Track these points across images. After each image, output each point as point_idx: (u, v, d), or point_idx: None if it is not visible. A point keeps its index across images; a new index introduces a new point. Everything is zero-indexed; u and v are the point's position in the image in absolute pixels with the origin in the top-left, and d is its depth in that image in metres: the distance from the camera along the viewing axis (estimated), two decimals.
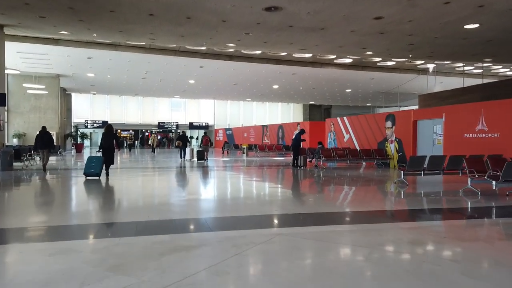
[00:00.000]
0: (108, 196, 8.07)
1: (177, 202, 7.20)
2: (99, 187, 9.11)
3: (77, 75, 23.98)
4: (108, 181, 10.04)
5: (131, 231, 4.74)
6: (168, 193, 8.49)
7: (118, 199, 7.63)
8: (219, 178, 11.92)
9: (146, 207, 6.63)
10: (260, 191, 8.79)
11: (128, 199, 7.69)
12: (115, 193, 8.68)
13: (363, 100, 36.78)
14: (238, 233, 4.60)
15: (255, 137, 31.85)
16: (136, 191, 8.95)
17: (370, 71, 24.64)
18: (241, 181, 11.14)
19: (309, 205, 6.80)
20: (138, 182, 10.75)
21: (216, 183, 10.62)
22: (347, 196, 8.06)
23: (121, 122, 39.29)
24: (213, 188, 9.37)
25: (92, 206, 6.95)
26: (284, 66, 22.64)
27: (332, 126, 19.63)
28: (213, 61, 21.10)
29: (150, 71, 23.10)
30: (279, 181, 11.52)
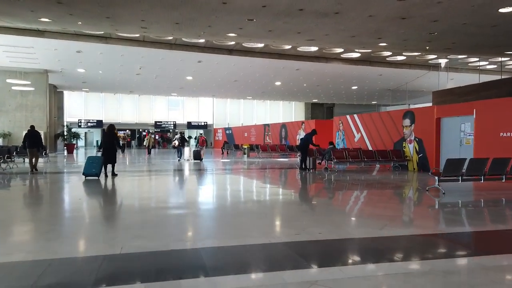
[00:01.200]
0: (76, 215, 6.56)
1: (166, 218, 5.70)
2: (78, 195, 7.63)
3: (67, 71, 22.44)
4: (108, 182, 9.85)
5: (84, 274, 3.22)
6: (157, 205, 6.99)
7: (88, 218, 6.09)
8: (218, 185, 10.44)
9: (124, 228, 5.11)
10: (269, 203, 7.30)
11: (103, 215, 6.18)
12: (84, 210, 7.16)
13: (369, 98, 35.29)
14: (250, 280, 3.12)
15: (256, 137, 30.36)
16: (115, 204, 7.42)
17: (378, 66, 23.20)
18: (244, 188, 9.65)
19: (336, 224, 5.21)
20: (122, 190, 9.23)
21: (215, 191, 9.14)
22: (380, 210, 6.52)
23: (117, 121, 37.69)
24: (212, 199, 7.88)
25: (47, 228, 5.43)
26: (287, 61, 21.17)
27: (341, 124, 18.16)
28: (211, 55, 19.62)
29: (144, 66, 21.59)
30: (289, 187, 10.02)
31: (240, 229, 4.96)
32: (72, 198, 7.86)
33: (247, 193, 8.49)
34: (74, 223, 5.44)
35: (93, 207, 6.98)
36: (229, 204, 6.99)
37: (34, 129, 13.04)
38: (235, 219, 5.67)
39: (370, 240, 4.37)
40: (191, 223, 5.45)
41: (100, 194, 8.35)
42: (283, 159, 20.64)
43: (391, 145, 14.29)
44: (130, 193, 8.68)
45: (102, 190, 8.72)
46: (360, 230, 4.95)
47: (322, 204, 7.20)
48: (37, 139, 12.69)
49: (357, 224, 5.46)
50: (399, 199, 7.97)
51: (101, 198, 7.84)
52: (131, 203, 7.30)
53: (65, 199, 7.88)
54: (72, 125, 35.65)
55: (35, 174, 11.77)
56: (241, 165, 16.93)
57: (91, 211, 6.52)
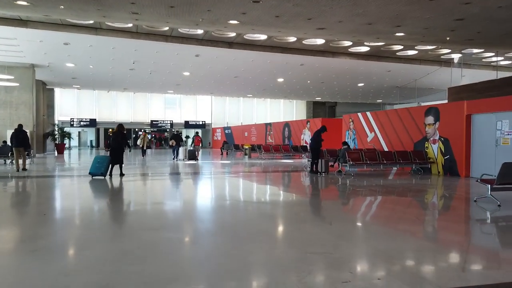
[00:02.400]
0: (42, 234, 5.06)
1: (153, 247, 4.20)
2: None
3: (55, 66, 20.89)
4: (119, 182, 9.71)
5: None
6: (141, 225, 5.49)
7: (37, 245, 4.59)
8: (217, 193, 8.95)
9: (89, 268, 3.63)
10: (284, 220, 5.80)
11: (75, 237, 4.68)
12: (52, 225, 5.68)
13: (375, 96, 33.85)
14: None
15: (257, 137, 28.86)
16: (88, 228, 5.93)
17: (387, 62, 21.77)
18: (249, 197, 8.16)
19: (392, 258, 3.62)
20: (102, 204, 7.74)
21: (214, 202, 7.63)
22: (442, 234, 4.81)
23: (111, 120, 36.17)
24: (209, 215, 6.38)
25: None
26: (291, 56, 19.71)
27: (351, 123, 16.70)
28: (210, 48, 18.14)
29: (138, 60, 20.07)
30: (304, 197, 8.50)
31: (247, 267, 3.46)
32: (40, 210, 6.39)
33: (253, 205, 6.98)
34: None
35: (61, 227, 5.48)
36: (232, 223, 5.44)
37: (21, 128, 13.07)
38: (241, 247, 4.11)
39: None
40: (182, 254, 3.94)
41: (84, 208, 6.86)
42: (288, 160, 19.16)
43: (410, 146, 12.84)
44: (112, 206, 7.18)
45: (87, 205, 7.23)
46: (430, 269, 3.43)
47: (353, 222, 5.64)
48: (23, 138, 12.67)
49: (418, 257, 3.83)
50: (451, 216, 6.21)
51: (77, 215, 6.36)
52: (110, 223, 5.80)
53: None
54: (64, 124, 34.16)
55: (20, 176, 11.27)
56: (243, 168, 15.45)
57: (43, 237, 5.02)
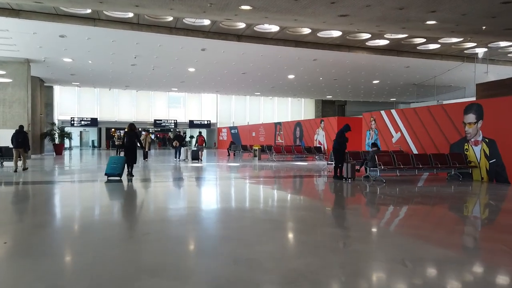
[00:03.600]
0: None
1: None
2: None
3: (51, 61, 19.54)
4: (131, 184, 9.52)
5: None
6: (132, 268, 4.04)
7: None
8: (227, 203, 7.48)
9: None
10: (323, 251, 4.33)
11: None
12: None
13: (389, 95, 32.25)
14: None
15: (265, 137, 27.40)
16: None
17: (407, 56, 20.27)
18: (268, 212, 6.68)
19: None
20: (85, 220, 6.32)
21: (224, 217, 6.17)
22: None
23: (113, 120, 34.88)
24: (217, 233, 4.92)
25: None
26: (304, 50, 18.26)
27: (373, 122, 15.19)
28: (217, 42, 16.74)
29: (140, 55, 18.68)
30: (338, 213, 7.00)
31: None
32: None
33: (273, 226, 5.48)
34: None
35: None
36: (247, 256, 4.00)
37: (22, 129, 13.30)
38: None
39: None
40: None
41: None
42: (302, 163, 17.68)
43: (446, 148, 11.33)
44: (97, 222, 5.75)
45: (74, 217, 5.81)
46: None
47: (418, 255, 4.20)
48: (23, 139, 12.86)
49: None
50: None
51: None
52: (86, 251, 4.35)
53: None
54: (64, 123, 32.90)
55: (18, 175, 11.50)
56: (254, 171, 13.99)
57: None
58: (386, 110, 14.71)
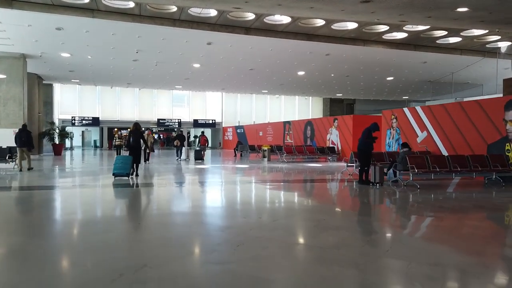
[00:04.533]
0: None
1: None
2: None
3: (48, 56, 18.46)
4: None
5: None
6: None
7: None
8: (245, 216, 6.30)
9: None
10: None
11: None
12: None
13: (402, 93, 30.93)
14: None
15: (273, 137, 26.22)
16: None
17: (425, 51, 19.05)
18: (289, 227, 5.50)
19: None
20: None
21: (244, 239, 4.99)
22: None
23: (115, 119, 33.82)
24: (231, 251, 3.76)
25: None
26: (317, 44, 17.08)
27: (394, 120, 13.97)
28: (224, 35, 15.62)
29: (142, 49, 17.57)
30: (375, 231, 5.81)
31: None
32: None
33: (309, 255, 4.34)
34: None
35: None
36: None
37: (25, 128, 13.27)
38: None
39: None
40: None
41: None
42: (316, 164, 16.48)
43: (482, 148, 10.11)
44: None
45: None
46: None
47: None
48: (27, 138, 12.87)
49: None
50: None
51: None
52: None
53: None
54: (65, 123, 31.92)
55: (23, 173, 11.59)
56: (266, 174, 12.82)
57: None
58: (409, 107, 13.50)
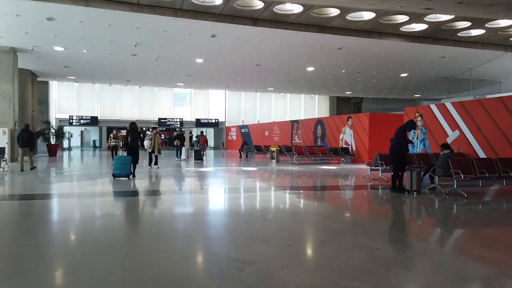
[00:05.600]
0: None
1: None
2: None
3: (41, 50, 17.19)
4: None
5: None
6: None
7: None
8: (267, 241, 4.97)
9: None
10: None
11: None
12: None
13: (414, 90, 29.53)
14: None
15: (280, 137, 24.88)
16: None
17: (444, 45, 17.75)
18: (330, 261, 4.18)
19: None
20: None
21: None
22: None
23: (114, 118, 32.54)
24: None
25: None
26: (329, 37, 15.83)
27: (419, 118, 12.62)
28: (230, 26, 14.35)
29: (141, 43, 16.28)
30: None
31: None
32: None
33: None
34: None
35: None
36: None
37: (27, 128, 13.22)
38: None
39: None
40: None
41: None
42: (330, 167, 15.15)
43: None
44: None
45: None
46: None
47: None
48: (28, 138, 12.79)
49: None
50: None
51: None
52: None
53: None
54: (62, 122, 30.66)
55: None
56: (278, 178, 11.50)
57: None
58: (438, 103, 12.15)
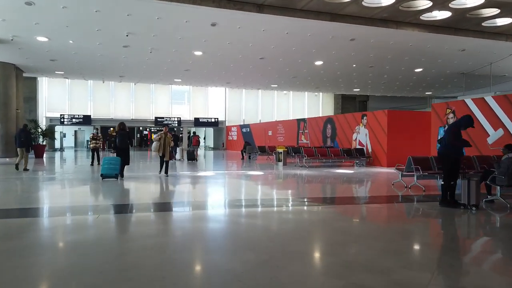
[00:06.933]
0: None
1: None
2: None
3: (22, 40, 15.50)
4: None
5: None
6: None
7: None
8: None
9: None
10: None
11: None
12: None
13: (426, 88, 27.88)
14: None
15: (285, 136, 23.23)
16: None
17: (465, 35, 16.16)
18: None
19: None
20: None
21: None
22: None
23: (108, 117, 30.88)
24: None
25: None
26: (341, 26, 14.26)
27: (451, 115, 10.98)
28: (232, 13, 12.78)
29: (133, 32, 14.62)
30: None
31: None
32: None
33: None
34: None
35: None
36: None
37: (25, 128, 13.03)
38: None
39: None
40: None
41: None
42: (346, 170, 13.47)
43: None
44: None
45: None
46: None
47: None
48: (25, 138, 12.51)
49: None
50: None
51: None
52: None
53: None
54: (53, 121, 29.01)
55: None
56: (292, 185, 9.85)
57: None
58: (474, 98, 10.50)
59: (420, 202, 7.07)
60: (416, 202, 7.08)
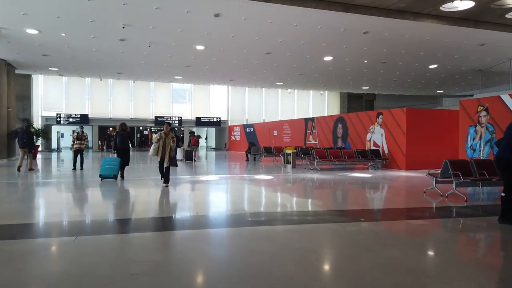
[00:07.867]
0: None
1: None
2: None
3: (11, 33, 14.37)
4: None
5: None
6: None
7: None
8: None
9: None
10: None
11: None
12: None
13: (439, 85, 26.68)
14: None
15: (291, 137, 22.08)
16: None
17: (486, 28, 15.06)
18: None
19: None
20: None
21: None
22: None
23: (106, 116, 29.78)
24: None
25: None
26: (354, 17, 13.17)
27: (484, 113, 9.82)
28: (237, 2, 11.69)
29: (130, 24, 13.50)
30: None
31: None
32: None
33: None
34: None
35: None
36: None
37: (28, 129, 13.14)
38: None
39: None
40: None
41: None
42: (363, 174, 12.29)
43: None
44: None
45: None
46: None
47: None
48: (28, 139, 12.54)
49: None
50: None
51: None
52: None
53: None
54: (49, 121, 27.94)
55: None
56: (308, 192, 8.70)
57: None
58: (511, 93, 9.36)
59: (470, 217, 5.90)
60: (467, 216, 5.91)
